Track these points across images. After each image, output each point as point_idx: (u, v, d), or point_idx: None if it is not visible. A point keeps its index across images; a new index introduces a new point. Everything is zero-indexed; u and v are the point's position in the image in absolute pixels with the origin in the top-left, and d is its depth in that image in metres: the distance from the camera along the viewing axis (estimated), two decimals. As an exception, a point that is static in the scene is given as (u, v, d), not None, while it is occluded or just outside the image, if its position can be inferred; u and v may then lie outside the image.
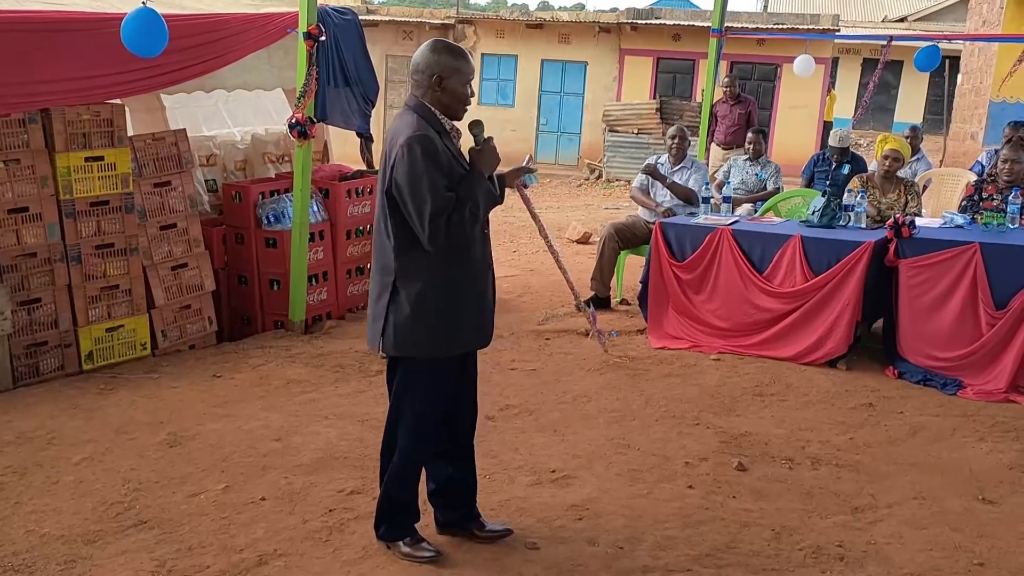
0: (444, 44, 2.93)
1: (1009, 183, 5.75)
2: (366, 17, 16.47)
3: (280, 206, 6.01)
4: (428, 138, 2.85)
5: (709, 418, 4.55)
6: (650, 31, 17.55)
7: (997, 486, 3.86)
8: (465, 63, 2.94)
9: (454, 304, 2.95)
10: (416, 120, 2.90)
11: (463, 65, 2.93)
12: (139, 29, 4.57)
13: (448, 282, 2.95)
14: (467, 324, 3.01)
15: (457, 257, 2.95)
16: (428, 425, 3.09)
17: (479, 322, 3.06)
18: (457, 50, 2.95)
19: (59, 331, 4.96)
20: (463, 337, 3.02)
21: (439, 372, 3.04)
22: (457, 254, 2.94)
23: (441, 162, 2.85)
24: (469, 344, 3.06)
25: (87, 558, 3.13)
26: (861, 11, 31.44)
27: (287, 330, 5.94)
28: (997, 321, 5.00)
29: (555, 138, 18.34)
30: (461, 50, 2.97)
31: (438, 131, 2.92)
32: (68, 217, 4.94)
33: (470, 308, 3.00)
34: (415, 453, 3.11)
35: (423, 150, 2.81)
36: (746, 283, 5.61)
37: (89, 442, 4.07)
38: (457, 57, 2.92)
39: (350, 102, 6.26)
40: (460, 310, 2.97)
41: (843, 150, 7.61)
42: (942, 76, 20.02)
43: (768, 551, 3.28)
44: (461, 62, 2.93)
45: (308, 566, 3.11)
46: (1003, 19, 15.80)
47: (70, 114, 4.87)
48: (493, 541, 3.25)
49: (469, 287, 3.00)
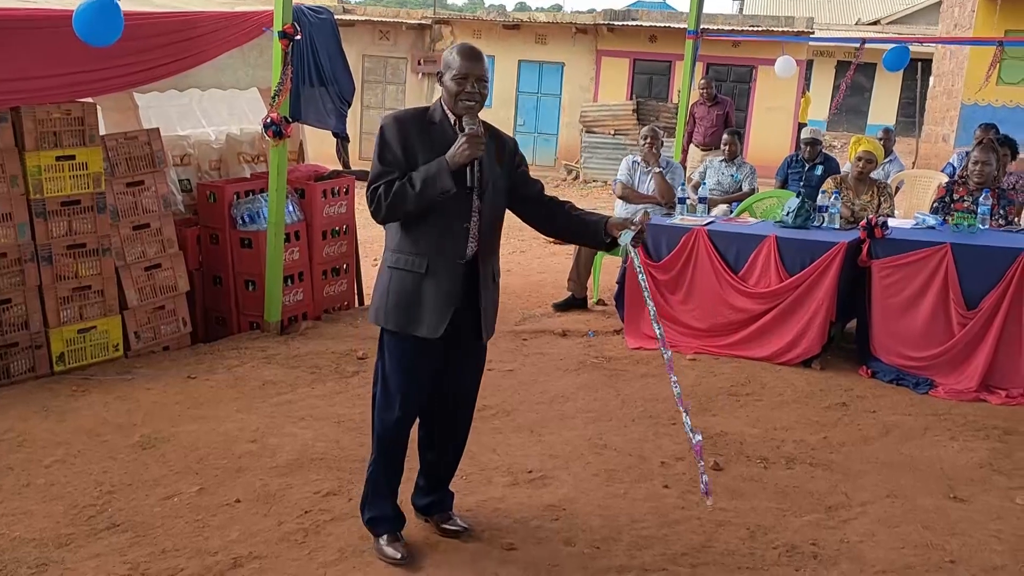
0: (457, 45, 3.02)
1: (980, 185, 5.82)
2: (342, 16, 16.41)
3: (255, 206, 5.97)
4: (395, 117, 3.02)
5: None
6: (627, 32, 17.61)
7: (968, 484, 3.91)
8: (459, 60, 2.95)
9: (415, 289, 3.01)
10: (414, 108, 3.11)
11: (455, 61, 2.96)
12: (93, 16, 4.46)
13: (412, 265, 3.02)
14: (423, 312, 3.01)
15: (426, 246, 3.00)
16: (394, 401, 3.10)
17: (435, 316, 3.01)
18: (461, 49, 2.98)
19: (30, 332, 4.89)
20: (417, 322, 3.02)
21: (404, 348, 3.07)
22: (428, 243, 3.00)
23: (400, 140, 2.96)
24: (419, 330, 3.03)
25: (59, 562, 3.09)
26: (835, 14, 31.75)
27: (262, 331, 5.91)
28: (968, 321, 5.06)
29: (532, 139, 18.35)
30: (466, 50, 2.98)
31: (435, 121, 3.01)
32: (39, 217, 4.87)
33: (427, 298, 3.01)
34: (382, 428, 3.16)
35: (382, 126, 3.00)
36: (721, 283, 5.64)
37: (61, 444, 4.02)
38: (456, 54, 2.98)
39: (325, 102, 6.22)
40: (417, 298, 3.02)
41: (813, 142, 7.67)
42: (915, 79, 20.25)
43: (743, 550, 3.30)
44: (456, 59, 2.97)
45: (283, 568, 3.09)
46: (974, 22, 16.03)
47: (40, 112, 4.81)
48: (453, 536, 3.29)
49: (431, 278, 3.00)
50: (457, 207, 2.99)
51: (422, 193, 2.90)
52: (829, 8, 32.00)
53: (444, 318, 3.02)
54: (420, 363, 3.10)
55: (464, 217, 3.01)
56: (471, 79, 2.94)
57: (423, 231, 3.00)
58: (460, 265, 3.03)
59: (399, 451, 3.21)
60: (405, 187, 2.92)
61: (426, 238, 3.00)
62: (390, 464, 3.20)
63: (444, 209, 2.96)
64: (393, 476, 3.23)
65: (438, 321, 3.01)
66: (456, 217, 3.00)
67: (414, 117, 3.04)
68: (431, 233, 3.00)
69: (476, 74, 2.95)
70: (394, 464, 3.22)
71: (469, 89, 2.95)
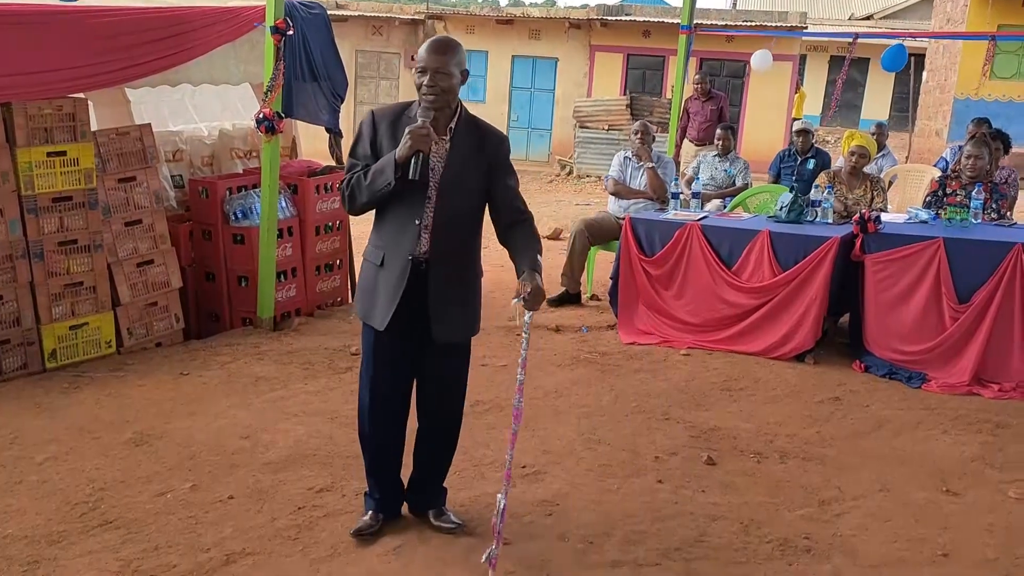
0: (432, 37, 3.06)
1: (972, 179, 5.83)
2: (335, 12, 16.39)
3: (248, 202, 5.95)
4: (373, 114, 3.09)
5: (678, 413, 4.58)
6: (620, 27, 17.59)
7: (960, 478, 3.92)
8: (422, 51, 2.96)
9: (373, 280, 3.12)
10: (398, 103, 3.15)
11: (419, 53, 2.98)
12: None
13: (373, 256, 3.12)
14: (377, 304, 3.09)
15: (385, 240, 3.08)
16: (363, 386, 3.23)
17: (383, 309, 3.07)
18: (429, 41, 2.98)
19: (21, 329, 4.87)
20: (371, 314, 3.12)
21: (367, 336, 3.17)
22: (387, 237, 3.07)
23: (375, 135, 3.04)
24: (373, 321, 3.11)
25: (51, 559, 3.08)
26: (828, 9, 31.78)
27: (255, 327, 5.89)
28: (960, 315, 5.08)
29: (526, 134, 18.35)
30: (429, 43, 2.96)
31: (411, 116, 3.02)
32: (30, 213, 4.85)
33: (380, 290, 3.09)
34: (362, 411, 3.26)
35: (361, 122, 3.12)
36: (715, 278, 5.65)
37: (53, 441, 4.01)
38: (422, 46, 2.99)
39: (318, 97, 6.20)
40: (374, 289, 3.11)
41: (804, 132, 7.68)
42: (908, 74, 20.27)
43: (736, 544, 3.31)
44: (421, 51, 2.97)
45: (276, 564, 3.09)
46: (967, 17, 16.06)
47: (31, 108, 4.78)
48: (447, 533, 3.30)
49: (385, 271, 3.08)
50: (411, 202, 3.00)
51: (369, 186, 2.97)
52: (822, 3, 32.03)
53: (388, 312, 3.06)
54: (381, 352, 3.16)
55: (416, 213, 3.01)
56: (429, 72, 2.93)
57: (385, 224, 3.08)
58: (408, 261, 3.02)
59: (375, 438, 3.25)
60: (360, 179, 3.00)
61: (386, 231, 3.08)
62: (366, 449, 3.30)
63: (401, 203, 3.00)
64: (373, 461, 3.30)
65: (384, 314, 3.07)
66: (409, 212, 3.01)
67: (392, 111, 3.08)
68: (390, 227, 3.07)
69: (433, 67, 2.91)
70: (371, 451, 3.28)
71: (428, 82, 2.93)
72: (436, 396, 3.27)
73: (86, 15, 5.02)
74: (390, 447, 3.30)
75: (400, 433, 3.30)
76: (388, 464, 3.32)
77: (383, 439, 3.27)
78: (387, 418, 3.25)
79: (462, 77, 2.98)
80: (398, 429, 3.29)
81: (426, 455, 3.35)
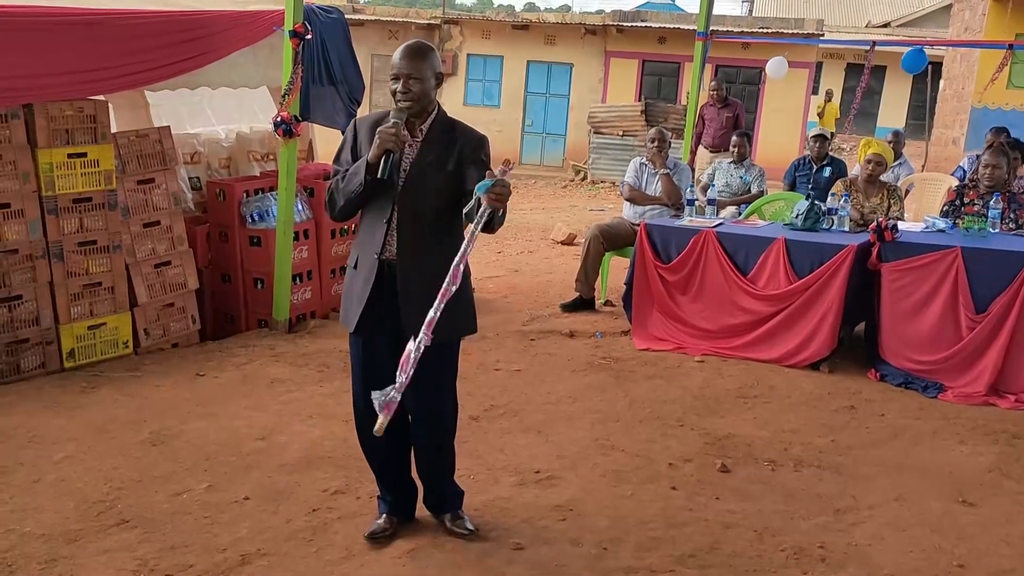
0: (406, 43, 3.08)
1: (990, 188, 5.80)
2: (352, 16, 16.42)
3: (264, 204, 5.99)
4: (356, 121, 3.15)
5: (693, 419, 4.57)
6: (636, 33, 17.60)
7: (977, 488, 3.90)
8: (395, 57, 3.00)
9: (349, 283, 3.18)
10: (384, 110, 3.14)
11: (393, 59, 3.01)
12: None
13: (351, 260, 3.18)
14: (351, 306, 3.13)
15: (362, 242, 3.13)
16: (354, 396, 3.25)
17: (352, 310, 3.12)
18: (402, 47, 3.01)
19: (40, 328, 4.92)
20: (345, 316, 3.17)
21: (354, 343, 3.20)
22: (360, 238, 3.14)
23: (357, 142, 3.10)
24: (349, 324, 3.14)
25: (68, 557, 3.10)
26: (845, 16, 31.68)
27: (271, 329, 5.92)
28: (977, 325, 5.05)
29: (540, 139, 18.37)
30: (404, 47, 3.01)
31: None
32: (50, 214, 4.89)
33: (353, 293, 3.13)
34: (356, 422, 3.28)
35: (346, 130, 3.17)
36: (730, 285, 5.64)
37: (71, 440, 4.04)
38: (396, 52, 3.01)
39: (335, 101, 6.23)
40: (350, 291, 3.16)
41: (821, 138, 7.66)
42: (925, 82, 20.19)
43: (750, 552, 3.30)
44: (394, 56, 3.01)
45: (291, 566, 3.10)
46: (985, 26, 15.98)
47: (53, 110, 4.83)
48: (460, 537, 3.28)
49: (357, 272, 3.12)
50: (378, 203, 3.05)
51: (344, 189, 3.03)
52: (839, 10, 31.94)
53: (357, 312, 3.10)
54: (362, 357, 3.18)
55: (383, 213, 3.06)
56: (401, 78, 2.98)
57: (361, 226, 3.16)
58: (376, 261, 3.06)
59: (368, 441, 3.18)
60: (338, 183, 3.06)
61: (360, 233, 3.16)
62: (365, 452, 3.33)
63: (372, 204, 3.06)
64: (378, 467, 3.33)
65: (353, 315, 3.12)
66: (377, 212, 3.07)
67: (372, 118, 3.12)
68: (363, 228, 3.14)
69: (406, 72, 2.97)
70: (368, 452, 3.31)
71: (401, 88, 2.99)
72: (415, 398, 3.09)
73: (107, 18, 5.06)
74: (390, 453, 3.27)
75: (400, 437, 3.26)
76: (393, 469, 3.32)
77: (378, 446, 3.20)
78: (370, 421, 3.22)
79: (436, 80, 3.03)
80: (395, 434, 3.18)
81: (421, 461, 3.32)
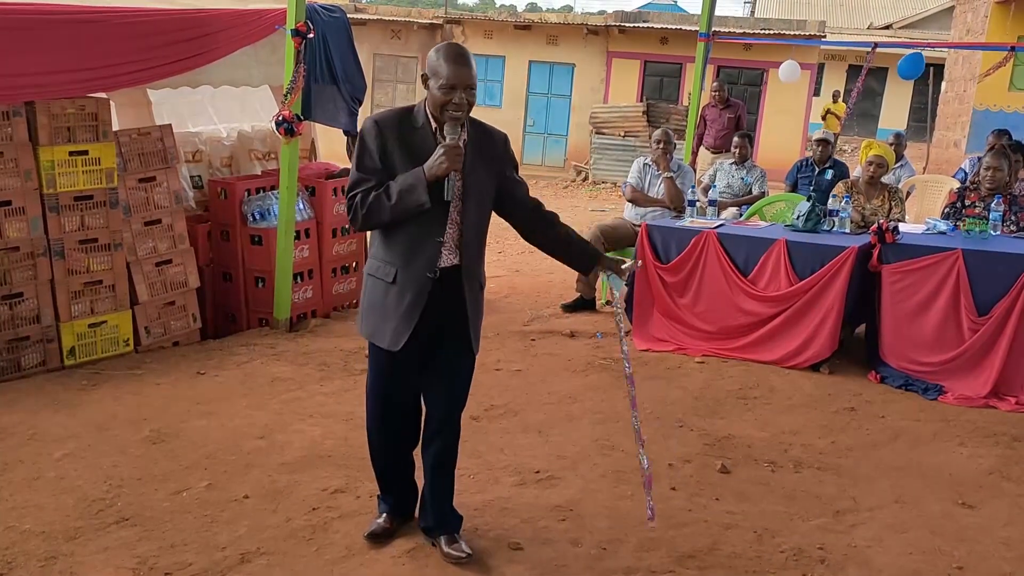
0: (443, 46, 2.84)
1: (991, 191, 5.80)
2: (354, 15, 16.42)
3: (266, 203, 5.99)
4: (376, 121, 2.90)
5: (693, 420, 4.57)
6: (638, 34, 17.59)
7: (977, 491, 3.90)
8: (447, 67, 2.78)
9: (382, 298, 2.98)
10: (397, 109, 2.99)
11: (443, 68, 2.78)
12: None
13: (382, 273, 2.97)
14: (385, 324, 2.97)
15: (396, 256, 2.94)
16: (377, 401, 3.18)
17: (396, 329, 2.96)
18: (448, 53, 2.80)
19: (41, 326, 4.92)
20: (380, 333, 3.01)
21: (377, 354, 3.09)
22: (398, 254, 2.93)
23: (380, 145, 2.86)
24: (382, 341, 3.00)
25: (68, 555, 3.10)
26: (847, 18, 31.67)
27: (272, 328, 5.92)
28: (979, 327, 5.05)
29: (542, 139, 18.36)
30: (453, 54, 2.80)
31: (416, 125, 2.90)
32: (52, 211, 4.89)
33: (389, 310, 2.96)
34: (370, 429, 3.25)
35: (363, 131, 2.90)
36: (731, 286, 5.64)
37: (71, 438, 4.04)
38: (443, 60, 2.79)
39: (337, 100, 6.24)
40: (382, 307, 2.98)
41: (824, 141, 7.64)
42: (926, 84, 20.19)
43: (750, 553, 3.30)
44: (443, 64, 2.78)
45: (291, 565, 3.10)
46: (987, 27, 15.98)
47: (55, 107, 4.83)
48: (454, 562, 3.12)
49: (396, 288, 2.94)
50: (431, 219, 2.87)
51: (397, 206, 2.82)
52: (841, 12, 31.92)
53: (404, 332, 2.95)
54: (391, 369, 3.07)
55: (437, 231, 2.90)
56: (459, 89, 2.78)
57: (397, 240, 2.93)
58: (429, 280, 2.92)
59: (385, 449, 3.24)
60: (381, 198, 2.83)
61: (398, 247, 2.93)
62: (376, 458, 3.29)
63: (418, 220, 2.86)
64: (385, 469, 3.30)
65: (398, 335, 2.95)
66: (428, 229, 2.90)
67: (395, 119, 2.91)
68: (403, 243, 2.92)
69: (465, 83, 2.78)
70: (381, 460, 3.28)
71: (456, 100, 2.79)
72: (448, 400, 3.13)
73: (108, 16, 5.07)
74: (401, 455, 3.28)
75: (413, 439, 3.27)
76: (400, 470, 3.32)
77: (394, 449, 3.25)
78: (397, 429, 3.23)
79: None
80: (409, 436, 3.26)
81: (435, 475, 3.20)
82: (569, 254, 3.21)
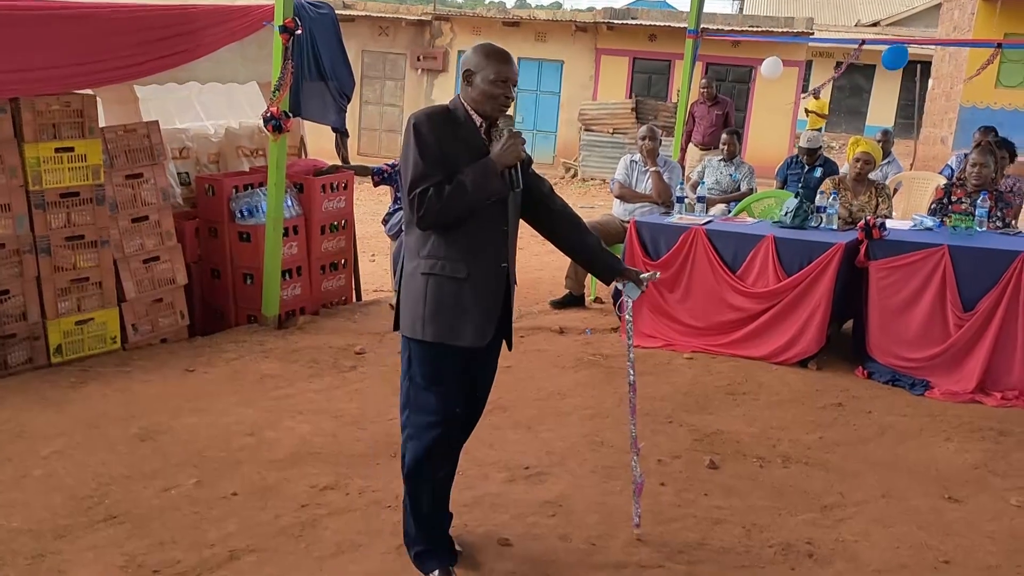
0: (484, 45, 2.90)
1: (978, 187, 5.84)
2: (342, 12, 16.39)
3: (254, 200, 5.97)
4: (428, 115, 2.84)
5: (682, 416, 4.59)
6: (626, 31, 17.61)
7: (963, 485, 3.93)
8: (493, 63, 2.84)
9: (456, 296, 2.85)
10: (439, 106, 2.94)
11: (492, 64, 2.83)
12: None
13: (451, 271, 2.85)
14: (466, 321, 2.86)
15: (463, 251, 2.85)
16: (434, 418, 2.91)
17: (479, 324, 2.89)
18: (491, 51, 2.87)
19: (27, 323, 4.89)
20: (459, 332, 2.86)
21: (439, 359, 2.89)
22: (464, 247, 2.85)
23: (438, 140, 2.80)
24: (462, 340, 2.87)
25: (56, 552, 3.09)
26: (835, 15, 31.77)
27: (260, 325, 5.91)
28: (965, 323, 5.08)
29: (531, 136, 18.35)
30: (497, 52, 2.87)
31: (459, 121, 2.89)
32: (37, 208, 4.86)
33: (470, 305, 2.86)
34: (421, 466, 2.94)
35: (416, 124, 2.81)
36: (719, 282, 5.66)
37: (59, 436, 4.02)
38: (487, 56, 2.85)
39: (325, 97, 6.23)
40: (458, 305, 2.86)
41: (812, 151, 7.66)
42: (913, 81, 20.28)
43: (739, 548, 3.31)
44: (490, 60, 2.84)
45: (280, 561, 3.10)
46: (974, 25, 16.06)
47: (40, 104, 4.80)
48: None
49: (471, 283, 2.86)
50: (494, 209, 2.87)
51: (474, 196, 2.78)
52: (829, 9, 32.03)
53: (491, 325, 2.92)
54: (455, 373, 2.93)
55: (502, 219, 2.92)
56: (510, 83, 2.86)
57: (460, 234, 2.84)
58: (503, 269, 2.93)
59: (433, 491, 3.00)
60: (458, 190, 2.76)
61: (464, 241, 2.85)
62: (421, 509, 3.00)
63: (483, 211, 2.84)
64: (430, 519, 3.03)
65: (482, 330, 2.89)
66: (494, 219, 2.89)
67: (442, 116, 2.88)
68: (469, 236, 2.85)
69: (514, 78, 2.88)
70: (427, 507, 3.00)
71: (506, 94, 2.86)
72: (479, 402, 3.17)
73: (94, 13, 5.04)
74: (448, 489, 3.10)
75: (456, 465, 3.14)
76: (445, 507, 3.12)
77: (445, 484, 3.05)
78: (457, 447, 3.09)
79: None
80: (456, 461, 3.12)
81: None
82: (593, 262, 3.28)
